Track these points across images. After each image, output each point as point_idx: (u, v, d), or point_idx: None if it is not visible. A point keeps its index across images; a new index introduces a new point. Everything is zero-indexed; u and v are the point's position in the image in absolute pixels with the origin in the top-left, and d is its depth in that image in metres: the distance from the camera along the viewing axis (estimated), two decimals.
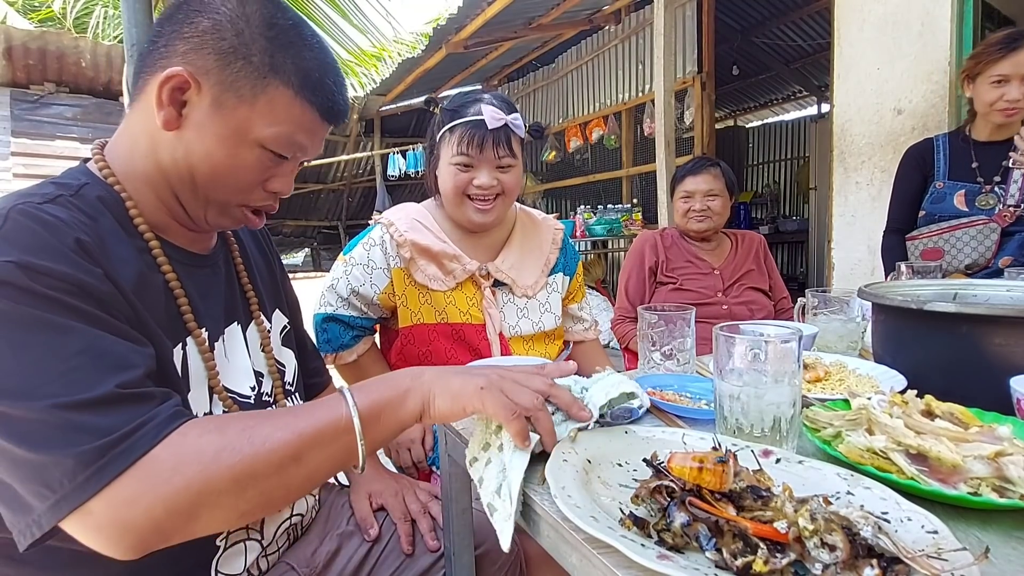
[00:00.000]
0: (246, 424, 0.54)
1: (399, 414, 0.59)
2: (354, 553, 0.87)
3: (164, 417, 0.52)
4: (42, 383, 0.50)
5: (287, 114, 0.66)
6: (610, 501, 0.54)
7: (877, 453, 0.58)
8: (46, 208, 0.57)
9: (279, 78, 0.65)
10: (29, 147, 5.14)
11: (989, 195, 1.78)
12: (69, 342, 0.52)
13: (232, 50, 0.64)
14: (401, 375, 0.62)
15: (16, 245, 0.53)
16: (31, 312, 0.51)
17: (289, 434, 0.54)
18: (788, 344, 0.64)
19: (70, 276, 0.54)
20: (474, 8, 4.50)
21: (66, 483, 0.48)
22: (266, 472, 0.52)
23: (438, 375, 0.61)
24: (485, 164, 1.19)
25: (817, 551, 0.42)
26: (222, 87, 0.64)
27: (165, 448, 0.51)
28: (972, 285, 1.00)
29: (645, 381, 0.89)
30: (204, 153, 0.65)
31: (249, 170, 0.68)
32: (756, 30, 6.54)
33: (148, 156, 0.67)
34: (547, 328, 1.33)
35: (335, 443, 0.56)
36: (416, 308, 1.24)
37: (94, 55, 5.03)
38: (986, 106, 1.74)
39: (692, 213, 1.96)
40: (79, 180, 0.65)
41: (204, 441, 0.52)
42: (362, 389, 0.60)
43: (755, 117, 9.58)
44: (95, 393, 0.50)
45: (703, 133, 4.59)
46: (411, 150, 7.14)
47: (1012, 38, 1.69)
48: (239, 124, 0.65)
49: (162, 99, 0.63)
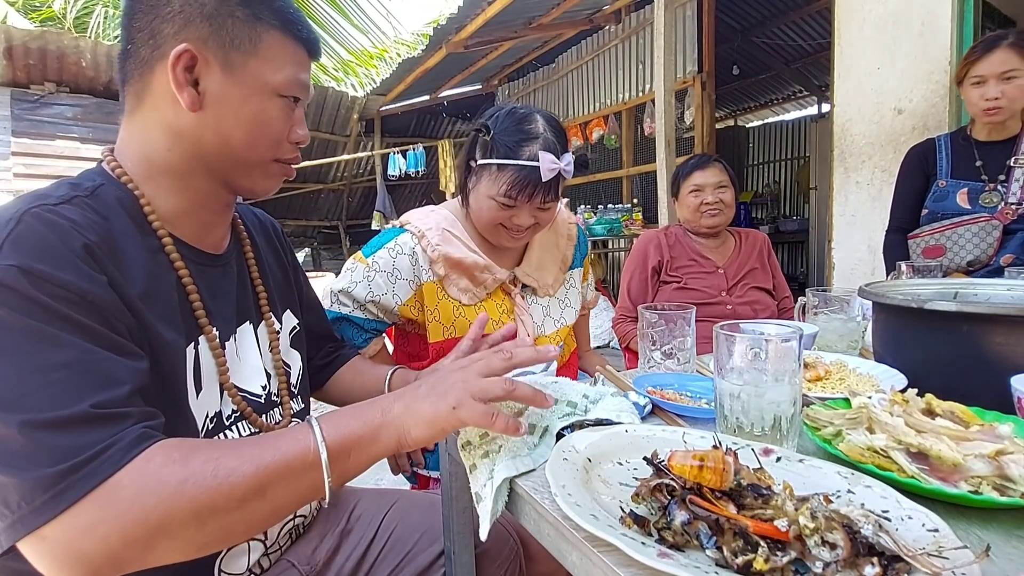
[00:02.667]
0: (211, 455, 0.52)
1: (371, 450, 0.58)
2: (353, 551, 0.87)
3: (129, 440, 0.50)
4: (18, 396, 0.49)
5: (285, 55, 0.69)
6: (610, 499, 0.54)
7: (878, 452, 0.58)
8: (60, 209, 0.58)
9: (266, 23, 0.67)
10: (29, 147, 5.14)
11: (992, 193, 1.79)
12: (55, 355, 0.51)
13: (216, 11, 0.65)
14: (370, 408, 0.59)
15: (23, 249, 0.53)
16: (24, 321, 0.51)
17: (254, 468, 0.52)
18: (788, 343, 0.64)
19: (71, 284, 0.54)
20: (474, 8, 4.50)
21: (24, 506, 0.48)
22: (227, 506, 0.51)
23: (407, 406, 0.59)
24: (528, 207, 1.14)
25: (818, 549, 0.42)
26: (225, 48, 0.65)
27: (127, 475, 0.49)
28: (973, 284, 1.00)
29: (645, 380, 0.89)
30: (234, 119, 0.67)
31: (276, 121, 0.70)
32: (756, 30, 6.53)
33: (170, 149, 0.67)
34: (568, 323, 1.33)
35: (301, 478, 0.55)
36: (449, 323, 1.21)
37: (94, 55, 5.03)
38: (971, 107, 1.80)
39: (705, 207, 1.93)
40: (95, 181, 0.65)
41: (167, 471, 0.50)
42: (332, 423, 0.58)
43: (755, 117, 9.58)
44: (68, 411, 0.49)
45: (703, 133, 4.59)
46: (411, 150, 7.13)
47: (989, 41, 1.74)
48: (254, 78, 0.67)
49: (179, 80, 0.63)
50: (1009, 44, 1.69)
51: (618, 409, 0.73)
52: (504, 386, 0.59)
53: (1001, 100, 1.71)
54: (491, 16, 4.46)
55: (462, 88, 7.08)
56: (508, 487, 0.62)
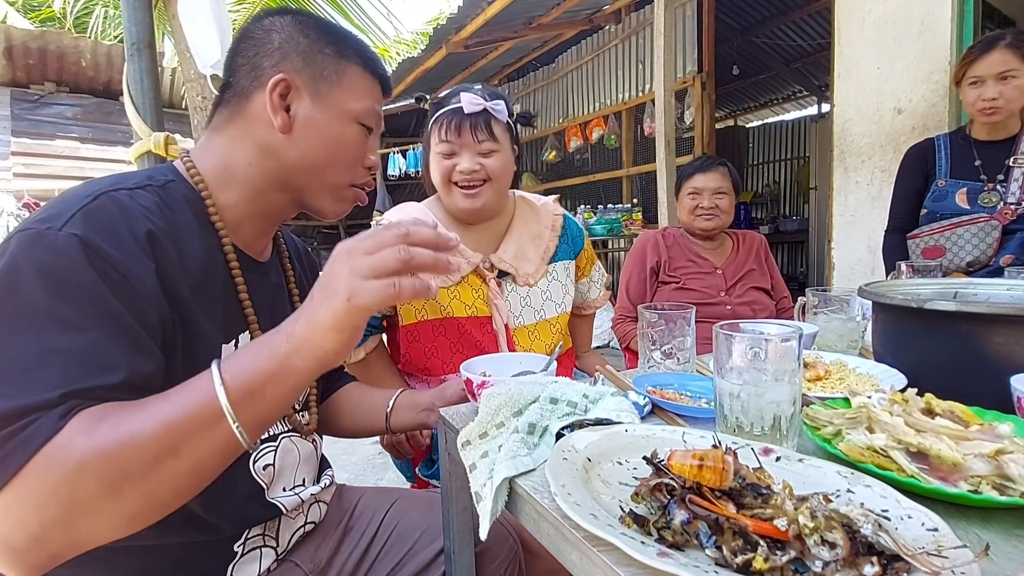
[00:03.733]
0: (117, 418, 0.50)
1: (287, 382, 0.54)
2: (354, 548, 0.88)
3: (48, 421, 0.49)
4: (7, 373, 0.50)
5: (364, 88, 0.77)
6: (610, 499, 0.54)
7: (877, 451, 0.58)
8: (135, 195, 0.63)
9: (350, 59, 0.76)
10: (29, 147, 5.14)
11: (991, 193, 1.79)
12: (65, 339, 0.52)
13: (309, 48, 0.74)
14: (272, 339, 0.55)
15: (90, 222, 0.57)
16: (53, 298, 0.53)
17: (158, 426, 0.50)
18: (788, 343, 0.64)
19: (120, 263, 0.57)
20: (474, 8, 4.50)
21: None
22: (139, 471, 0.49)
23: (307, 321, 0.53)
24: (466, 149, 1.20)
25: (817, 548, 0.42)
26: (315, 79, 0.73)
27: (39, 458, 0.48)
28: (972, 284, 1.01)
29: (645, 380, 0.89)
30: (318, 141, 0.74)
31: (353, 147, 0.77)
32: (756, 30, 6.53)
33: (251, 164, 0.73)
34: (548, 317, 1.32)
35: (214, 429, 0.51)
36: (420, 305, 1.24)
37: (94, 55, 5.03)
38: (969, 107, 1.80)
39: (700, 211, 1.94)
40: (167, 176, 0.70)
41: (73, 444, 0.48)
42: (233, 362, 0.54)
43: (755, 117, 9.58)
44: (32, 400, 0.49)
45: (703, 133, 4.59)
46: (411, 150, 7.13)
47: (987, 41, 1.75)
48: (338, 106, 0.75)
49: (275, 105, 0.71)
50: (1007, 44, 1.70)
51: (618, 409, 0.73)
52: (400, 256, 0.52)
53: (999, 100, 1.71)
54: (491, 16, 4.45)
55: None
56: (508, 487, 0.62)
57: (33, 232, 0.55)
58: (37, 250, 0.54)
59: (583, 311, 1.52)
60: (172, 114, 4.97)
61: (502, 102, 1.24)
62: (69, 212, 0.57)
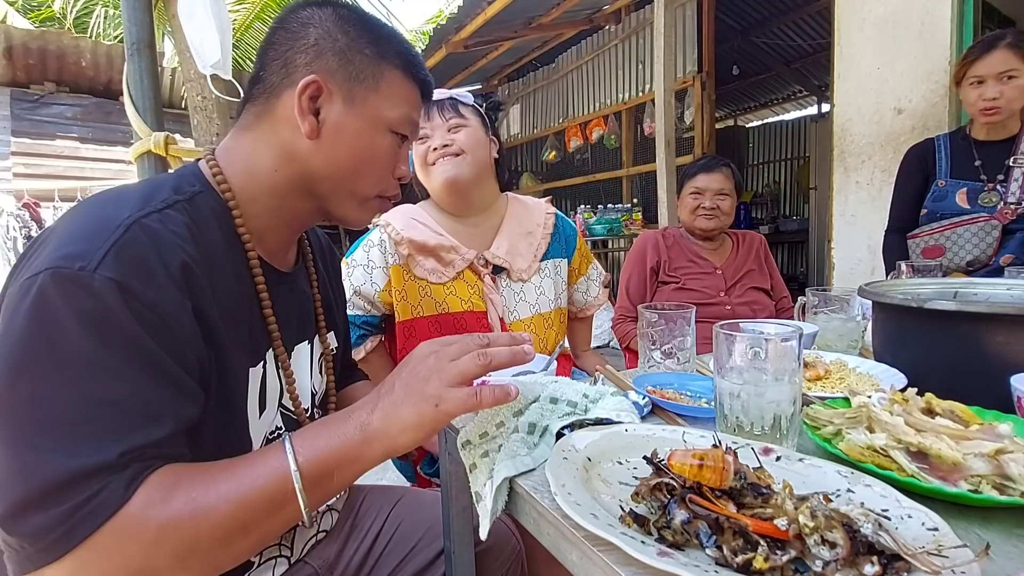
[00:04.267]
0: (190, 491, 0.51)
1: (354, 468, 0.57)
2: (359, 546, 0.88)
3: (115, 489, 0.49)
4: (61, 427, 0.49)
5: (402, 94, 0.72)
6: (610, 499, 0.54)
7: (877, 451, 0.58)
8: (166, 217, 0.59)
9: (389, 62, 0.71)
10: (29, 147, 5.14)
11: (991, 192, 1.79)
12: (112, 390, 0.51)
13: (347, 47, 0.69)
14: (346, 424, 0.57)
15: (124, 262, 0.53)
16: (97, 345, 0.51)
17: (233, 507, 0.51)
18: (788, 342, 0.64)
19: (159, 307, 0.54)
20: (474, 8, 4.50)
21: (27, 547, 0.48)
22: (211, 547, 0.51)
23: (386, 415, 0.56)
24: (437, 130, 1.27)
25: (817, 548, 0.42)
26: (349, 82, 0.68)
27: (111, 528, 0.48)
28: (973, 284, 1.01)
29: (645, 380, 0.89)
30: (347, 150, 0.69)
31: (385, 156, 0.73)
32: (756, 30, 6.53)
33: (277, 170, 0.69)
34: (543, 311, 1.35)
35: (283, 509, 0.54)
36: (416, 302, 1.27)
37: (94, 55, 5.03)
38: (970, 107, 1.80)
39: (701, 211, 1.94)
40: (194, 187, 0.65)
41: (148, 516, 0.49)
42: (307, 444, 0.55)
43: (755, 117, 9.57)
44: (94, 460, 0.48)
45: (703, 133, 4.59)
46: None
47: (988, 41, 1.75)
48: (371, 113, 0.70)
49: (303, 108, 0.67)
50: (1007, 44, 1.70)
51: (618, 408, 0.73)
52: (479, 361, 0.57)
53: (1000, 100, 1.71)
54: (491, 16, 4.46)
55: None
56: (508, 487, 0.62)
57: (67, 274, 0.51)
58: (74, 295, 0.51)
59: (584, 312, 1.53)
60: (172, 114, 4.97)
61: (468, 92, 1.32)
62: (100, 249, 0.52)
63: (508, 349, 0.59)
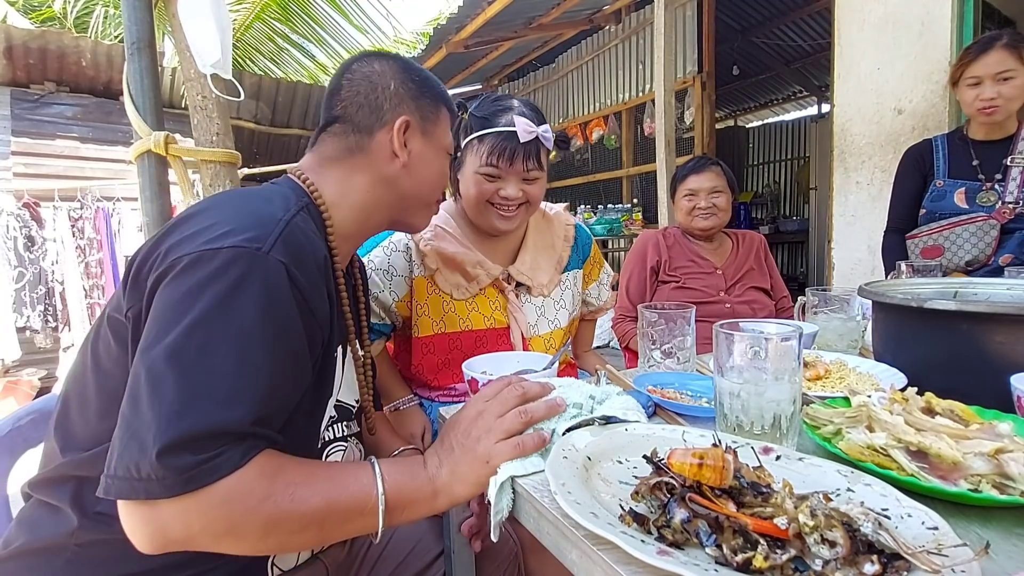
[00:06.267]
0: (292, 479, 0.58)
1: (422, 510, 0.64)
2: (359, 550, 0.89)
3: (233, 455, 0.55)
4: (221, 383, 0.55)
5: (448, 125, 0.90)
6: (610, 498, 0.54)
7: (877, 450, 0.58)
8: (302, 218, 0.69)
9: (441, 103, 0.88)
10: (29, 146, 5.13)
11: (989, 192, 1.79)
12: (262, 358, 0.57)
13: (418, 94, 0.84)
14: (422, 473, 0.65)
15: (291, 251, 0.63)
16: (262, 315, 0.58)
17: (322, 503, 0.58)
18: (788, 342, 0.64)
19: (309, 293, 0.64)
20: (474, 8, 4.50)
21: (153, 478, 0.53)
22: (291, 528, 0.57)
23: (452, 471, 0.65)
24: (512, 176, 1.17)
25: (817, 547, 0.42)
26: (424, 120, 0.85)
27: (221, 488, 0.54)
28: (972, 283, 1.01)
29: (645, 379, 0.89)
30: (428, 174, 0.86)
31: (445, 174, 0.90)
32: (756, 30, 6.53)
33: (369, 191, 0.82)
34: (562, 325, 1.33)
35: (358, 521, 0.61)
36: (438, 317, 1.22)
37: (95, 55, 5.02)
38: (967, 107, 1.80)
39: (697, 211, 1.94)
40: (302, 199, 0.75)
41: (255, 489, 0.55)
42: (393, 477, 0.63)
43: (755, 117, 9.57)
44: (234, 419, 0.54)
45: (703, 133, 4.59)
46: None
47: (984, 42, 1.75)
48: (438, 143, 0.87)
49: (400, 142, 0.81)
50: (1004, 45, 1.70)
51: (625, 407, 0.73)
52: (522, 419, 0.66)
53: (997, 100, 1.71)
54: (491, 16, 4.45)
55: (462, 88, 7.07)
56: (511, 487, 0.62)
57: (249, 252, 0.59)
58: (260, 270, 0.59)
59: (593, 315, 1.53)
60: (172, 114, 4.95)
61: (547, 125, 1.20)
62: (271, 236, 0.62)
63: (545, 404, 0.69)
